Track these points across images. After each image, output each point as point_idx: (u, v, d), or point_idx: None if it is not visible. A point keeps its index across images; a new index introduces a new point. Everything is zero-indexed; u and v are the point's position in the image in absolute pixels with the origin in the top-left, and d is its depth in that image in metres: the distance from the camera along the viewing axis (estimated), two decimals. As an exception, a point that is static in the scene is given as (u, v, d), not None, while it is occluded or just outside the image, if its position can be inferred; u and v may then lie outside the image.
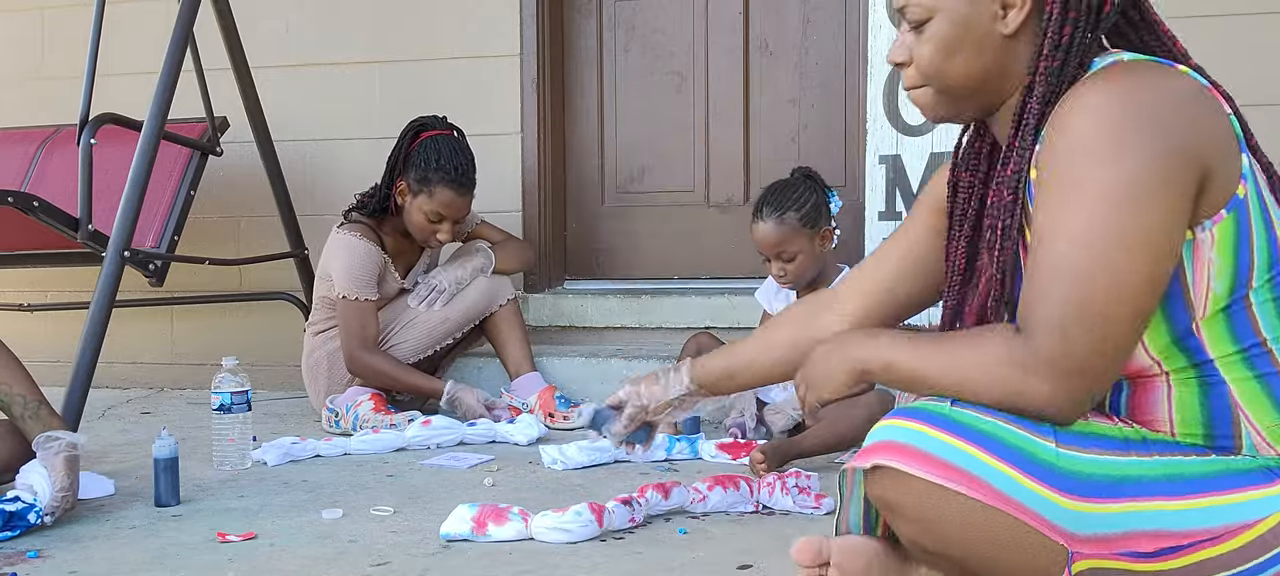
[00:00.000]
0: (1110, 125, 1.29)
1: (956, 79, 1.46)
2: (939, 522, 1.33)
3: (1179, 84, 1.34)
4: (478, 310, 3.25)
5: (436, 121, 3.21)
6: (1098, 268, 1.28)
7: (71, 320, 3.84)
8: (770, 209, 2.75)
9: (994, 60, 1.44)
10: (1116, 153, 1.28)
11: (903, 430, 1.35)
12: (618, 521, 1.99)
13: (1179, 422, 1.37)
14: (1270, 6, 3.21)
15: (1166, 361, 1.36)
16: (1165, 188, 1.28)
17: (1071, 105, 1.33)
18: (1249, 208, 1.33)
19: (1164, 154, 1.28)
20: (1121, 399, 1.40)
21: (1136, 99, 1.31)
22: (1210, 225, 1.31)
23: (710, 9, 3.79)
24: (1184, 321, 1.34)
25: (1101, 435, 1.34)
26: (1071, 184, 1.30)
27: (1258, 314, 1.34)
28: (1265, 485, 1.31)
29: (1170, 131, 1.29)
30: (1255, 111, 3.45)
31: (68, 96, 3.36)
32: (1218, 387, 1.34)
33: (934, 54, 1.45)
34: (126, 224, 2.80)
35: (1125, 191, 1.27)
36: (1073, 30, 1.38)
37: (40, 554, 1.93)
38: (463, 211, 3.18)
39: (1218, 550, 1.29)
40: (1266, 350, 1.34)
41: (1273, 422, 1.33)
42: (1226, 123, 1.35)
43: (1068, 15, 1.38)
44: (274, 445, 2.69)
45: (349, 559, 1.87)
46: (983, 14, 1.42)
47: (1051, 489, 1.30)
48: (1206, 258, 1.32)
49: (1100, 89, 1.32)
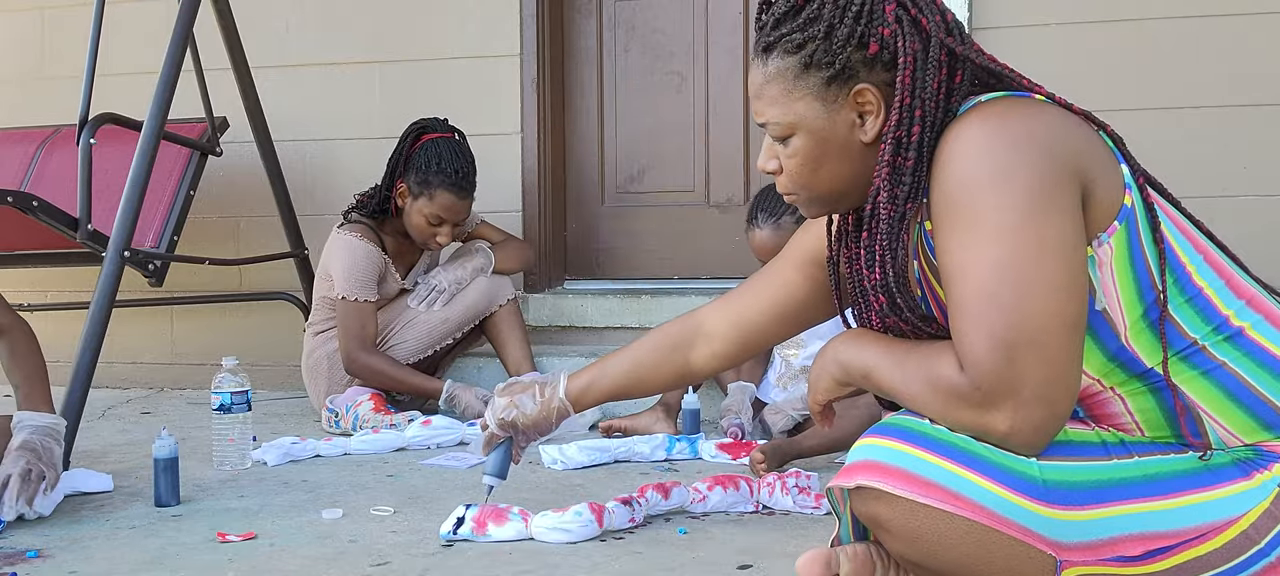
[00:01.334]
0: (989, 154, 1.31)
1: (825, 188, 1.49)
2: (926, 539, 1.34)
3: (1043, 107, 1.37)
4: (477, 310, 3.25)
5: (438, 124, 3.21)
6: (1020, 287, 1.28)
7: (71, 320, 3.84)
8: (765, 215, 2.75)
9: (860, 166, 1.46)
10: (1003, 177, 1.30)
11: (885, 449, 1.36)
12: (618, 521, 1.99)
13: (1146, 426, 1.38)
14: (1270, 6, 3.21)
15: (1108, 379, 1.38)
16: (1057, 194, 1.30)
17: (948, 151, 1.35)
18: (1137, 216, 1.34)
19: (1048, 166, 1.30)
20: (1085, 416, 1.42)
21: (1007, 125, 1.33)
22: (1106, 238, 1.33)
23: (710, 9, 3.80)
24: (1113, 339, 1.35)
25: (1080, 442, 1.35)
26: (969, 219, 1.31)
27: (1178, 318, 1.35)
28: (1241, 479, 1.32)
29: (1047, 145, 1.31)
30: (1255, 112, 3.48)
31: (68, 96, 3.36)
32: (1165, 392, 1.36)
33: (800, 168, 1.49)
34: (126, 224, 2.79)
35: (1022, 210, 1.29)
36: (921, 129, 1.39)
37: (40, 553, 1.93)
38: (462, 215, 3.18)
39: (1204, 548, 1.30)
40: (1200, 348, 1.35)
41: (1232, 415, 1.35)
42: (1096, 137, 1.38)
43: (914, 115, 1.40)
44: (274, 445, 2.69)
45: (349, 559, 1.87)
46: (840, 125, 1.45)
47: (1036, 501, 1.31)
48: (1110, 270, 1.34)
49: (971, 127, 1.34)
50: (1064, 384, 1.30)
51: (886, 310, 1.45)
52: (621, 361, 1.88)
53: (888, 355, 1.44)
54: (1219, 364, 1.35)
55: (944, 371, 1.33)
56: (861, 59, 1.42)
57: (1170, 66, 3.26)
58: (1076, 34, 3.31)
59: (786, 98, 1.46)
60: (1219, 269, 1.39)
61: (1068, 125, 1.36)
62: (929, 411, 1.36)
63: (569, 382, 1.90)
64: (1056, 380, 1.29)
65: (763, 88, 1.48)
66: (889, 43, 1.41)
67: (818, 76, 1.43)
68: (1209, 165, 3.22)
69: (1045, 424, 1.30)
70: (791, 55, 1.45)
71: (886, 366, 1.43)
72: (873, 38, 1.41)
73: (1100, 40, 3.29)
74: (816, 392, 1.56)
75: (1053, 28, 3.31)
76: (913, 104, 1.39)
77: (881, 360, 1.44)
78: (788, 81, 1.45)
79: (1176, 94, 3.26)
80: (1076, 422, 1.38)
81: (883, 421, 1.42)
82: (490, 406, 1.96)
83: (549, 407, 1.91)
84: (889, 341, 1.47)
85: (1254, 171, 3.23)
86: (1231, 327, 1.36)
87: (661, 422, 2.84)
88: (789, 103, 1.46)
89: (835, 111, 1.44)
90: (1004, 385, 1.28)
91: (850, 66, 1.42)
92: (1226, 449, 1.35)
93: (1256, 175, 3.23)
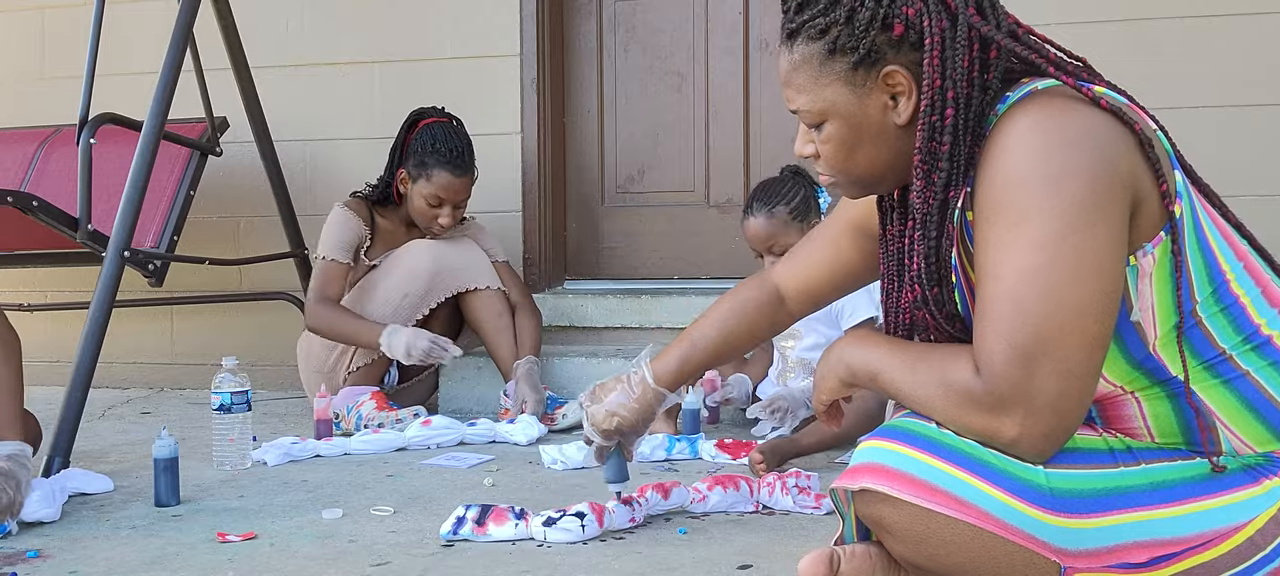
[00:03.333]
0: (1043, 157, 1.27)
1: (862, 172, 1.46)
2: (929, 542, 1.33)
3: (1101, 108, 1.32)
4: (438, 279, 3.18)
5: (434, 111, 3.25)
6: (1050, 299, 1.26)
7: (71, 320, 3.84)
8: (760, 204, 2.78)
9: (897, 147, 1.43)
10: (1054, 182, 1.27)
11: (889, 453, 1.35)
12: (618, 521, 1.99)
13: (1157, 432, 1.37)
14: (1271, 6, 3.21)
15: (1130, 385, 1.36)
16: (1107, 207, 1.27)
17: (999, 144, 1.31)
18: (1184, 227, 1.31)
19: (1101, 175, 1.27)
20: (1094, 416, 1.40)
21: (1064, 126, 1.29)
22: (1151, 248, 1.31)
23: (710, 9, 3.80)
24: (1139, 347, 1.34)
25: (1087, 449, 1.34)
26: (1012, 219, 1.28)
27: (1210, 327, 1.33)
28: (1249, 485, 1.31)
29: (1101, 153, 1.28)
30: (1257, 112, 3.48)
31: (68, 96, 3.36)
32: (1184, 399, 1.34)
33: (835, 153, 1.45)
34: (126, 224, 2.79)
35: (1069, 220, 1.26)
36: (954, 112, 1.35)
37: (40, 553, 1.93)
38: (462, 194, 3.19)
39: (1209, 555, 1.29)
40: (1227, 358, 1.34)
41: (1249, 425, 1.33)
42: (1155, 140, 1.33)
43: (947, 97, 1.35)
44: (274, 445, 2.69)
45: (349, 559, 1.87)
46: (872, 108, 1.41)
47: (1040, 508, 1.30)
48: (1150, 279, 1.31)
49: (1026, 121, 1.30)
50: (1078, 398, 1.29)
51: (917, 303, 1.43)
52: (707, 331, 1.85)
53: (895, 356, 1.42)
54: (1243, 373, 1.33)
55: (958, 374, 1.32)
56: (887, 41, 1.38)
57: (1173, 66, 3.26)
58: (1074, 33, 3.30)
59: (815, 84, 1.42)
60: (1257, 276, 1.37)
61: (1123, 128, 1.31)
62: (936, 413, 1.35)
63: (656, 367, 1.87)
64: (1071, 394, 1.28)
65: (791, 75, 1.44)
66: (914, 23, 1.37)
67: (843, 61, 1.39)
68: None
69: (1054, 433, 1.29)
70: (815, 41, 1.41)
71: (894, 368, 1.41)
72: (897, 19, 1.37)
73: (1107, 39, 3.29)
74: (821, 392, 1.54)
75: (1053, 28, 3.30)
76: (944, 86, 1.35)
77: (889, 361, 1.42)
78: (814, 68, 1.41)
79: (1186, 94, 3.26)
80: (1083, 428, 1.37)
81: (888, 424, 1.41)
82: (586, 417, 1.93)
83: (645, 400, 1.89)
84: (895, 343, 1.45)
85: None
86: (1260, 337, 1.34)
87: (660, 423, 2.84)
88: (818, 89, 1.42)
89: (865, 96, 1.40)
90: (1018, 393, 1.27)
91: (876, 49, 1.38)
92: (1236, 455, 1.34)
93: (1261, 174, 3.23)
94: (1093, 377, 1.30)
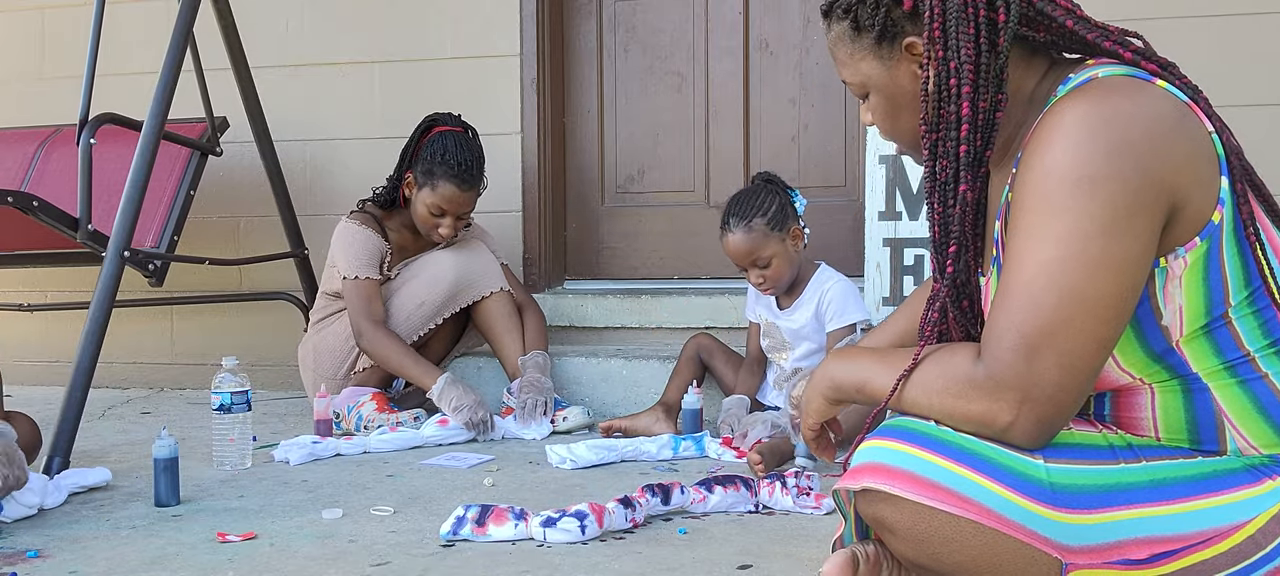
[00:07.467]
0: (1084, 156, 1.28)
1: (911, 138, 1.51)
2: (931, 540, 1.34)
3: (1158, 107, 1.31)
4: (453, 291, 3.19)
5: (449, 118, 3.22)
6: (1066, 297, 1.27)
7: (71, 320, 3.85)
8: (737, 219, 2.76)
9: None
10: (1090, 183, 1.27)
11: (890, 451, 1.36)
12: (618, 521, 1.99)
13: (1163, 427, 1.37)
14: (1270, 7, 3.21)
15: (1147, 377, 1.37)
16: (1138, 217, 1.27)
17: (1046, 134, 1.31)
18: (1223, 233, 1.31)
19: (1138, 185, 1.27)
20: (1105, 405, 1.41)
21: (1112, 125, 1.28)
22: (1183, 252, 1.31)
23: (710, 9, 3.80)
24: (1161, 342, 1.34)
25: (1087, 445, 1.35)
26: (1044, 211, 1.29)
27: (1239, 328, 1.34)
28: (1251, 484, 1.31)
29: (1145, 160, 1.27)
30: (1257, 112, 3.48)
31: (68, 96, 3.37)
32: (1202, 394, 1.35)
33: (883, 122, 1.52)
34: (126, 224, 2.79)
35: (1099, 223, 1.27)
36: (957, 82, 1.38)
37: (40, 553, 1.93)
38: (465, 207, 3.18)
39: (1210, 552, 1.30)
40: (1250, 360, 1.34)
41: (1257, 427, 1.34)
42: (1206, 145, 1.32)
43: (949, 66, 1.39)
44: (296, 444, 2.69)
45: (349, 559, 1.87)
46: (903, 78, 1.46)
47: (1041, 503, 1.30)
48: (1179, 282, 1.32)
49: (1074, 114, 1.30)
50: (1076, 392, 1.30)
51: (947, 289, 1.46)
52: (888, 335, 1.83)
53: (882, 362, 1.44)
54: (1261, 376, 1.33)
55: (956, 363, 1.34)
56: (902, 15, 1.43)
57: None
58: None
59: (852, 60, 1.49)
60: None
61: (1177, 133, 1.30)
62: (931, 405, 1.36)
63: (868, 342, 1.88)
64: (1069, 387, 1.29)
65: (833, 51, 1.53)
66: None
67: (868, 37, 1.46)
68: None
69: (1048, 421, 1.30)
70: (843, 20, 1.48)
71: (883, 372, 1.43)
72: None
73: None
74: (809, 415, 1.56)
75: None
76: (947, 56, 1.39)
77: (876, 367, 1.44)
78: (847, 45, 1.49)
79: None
80: (1083, 425, 1.38)
81: (888, 423, 1.42)
82: (788, 401, 1.93)
83: None
84: (879, 351, 1.49)
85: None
86: None
87: (661, 423, 2.84)
88: (855, 64, 1.49)
89: (894, 67, 1.46)
90: (1018, 380, 1.29)
91: (893, 23, 1.44)
92: (1240, 455, 1.34)
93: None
94: (1093, 375, 1.31)
